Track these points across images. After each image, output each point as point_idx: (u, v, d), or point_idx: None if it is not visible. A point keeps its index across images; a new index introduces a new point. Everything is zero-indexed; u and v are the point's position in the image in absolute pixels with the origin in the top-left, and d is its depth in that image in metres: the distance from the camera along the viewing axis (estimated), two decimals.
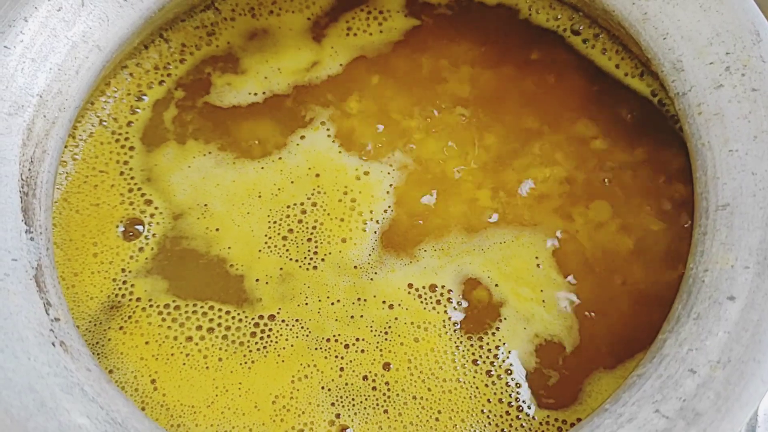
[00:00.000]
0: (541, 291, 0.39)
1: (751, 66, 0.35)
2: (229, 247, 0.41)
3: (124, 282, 0.40)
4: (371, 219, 0.41)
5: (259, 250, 0.41)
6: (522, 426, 0.37)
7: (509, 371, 0.38)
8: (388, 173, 0.42)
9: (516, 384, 0.38)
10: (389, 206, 0.42)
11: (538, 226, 0.41)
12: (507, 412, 0.37)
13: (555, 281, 0.40)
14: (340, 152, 0.43)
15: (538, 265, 0.40)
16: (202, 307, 0.39)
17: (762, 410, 0.49)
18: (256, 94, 0.45)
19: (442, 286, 0.40)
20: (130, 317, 0.39)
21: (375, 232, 0.41)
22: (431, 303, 0.39)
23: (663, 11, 0.38)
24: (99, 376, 0.32)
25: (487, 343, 0.39)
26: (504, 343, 0.38)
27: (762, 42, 0.35)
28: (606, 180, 0.42)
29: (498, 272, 0.40)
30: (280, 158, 0.43)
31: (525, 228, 0.41)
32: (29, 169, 0.35)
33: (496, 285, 0.39)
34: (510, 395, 0.37)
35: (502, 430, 0.37)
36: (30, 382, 0.31)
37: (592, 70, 0.45)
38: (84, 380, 0.31)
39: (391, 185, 0.42)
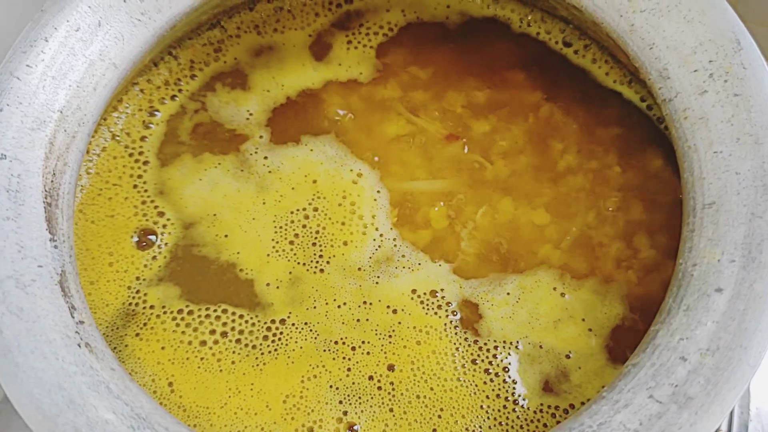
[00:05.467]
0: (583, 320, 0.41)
1: (732, 73, 0.37)
2: (238, 252, 0.43)
3: (138, 291, 0.42)
4: (372, 223, 0.43)
5: (268, 255, 0.42)
6: (518, 417, 0.38)
7: (506, 369, 0.40)
8: (382, 180, 0.45)
9: (512, 380, 0.39)
10: (388, 210, 0.44)
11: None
12: (504, 406, 0.39)
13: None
14: (337, 160, 0.45)
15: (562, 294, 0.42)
16: (215, 310, 0.41)
17: (754, 405, 0.50)
18: (251, 113, 0.47)
19: (441, 289, 0.42)
20: (145, 324, 0.41)
21: (377, 234, 0.43)
22: (432, 308, 0.41)
23: (649, 23, 0.40)
24: (122, 375, 0.34)
25: (485, 343, 0.40)
26: (502, 342, 0.40)
27: (743, 50, 0.37)
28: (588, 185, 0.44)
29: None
30: (279, 167, 0.45)
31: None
32: (52, 181, 0.37)
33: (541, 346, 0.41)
34: (507, 390, 0.39)
35: (500, 422, 0.38)
36: (59, 381, 0.32)
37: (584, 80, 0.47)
38: (109, 379, 0.33)
39: (382, 191, 0.44)
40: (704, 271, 0.34)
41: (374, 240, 0.43)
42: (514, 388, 0.39)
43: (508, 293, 0.41)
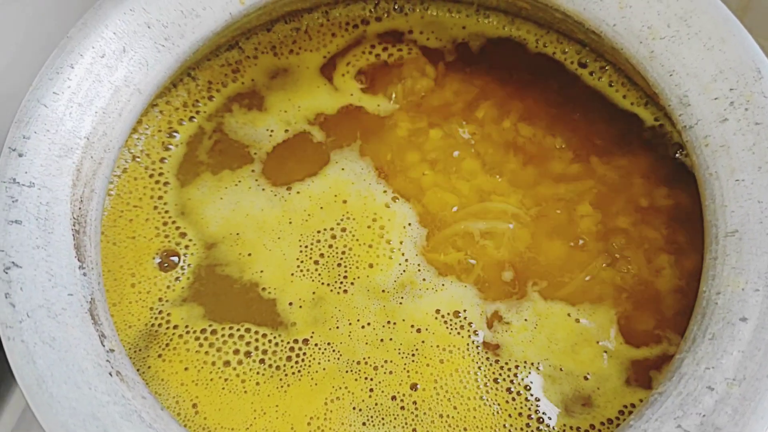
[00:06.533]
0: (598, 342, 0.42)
1: (753, 101, 0.38)
2: (261, 271, 0.43)
3: (160, 311, 0.42)
4: (399, 248, 0.44)
5: (292, 274, 0.43)
6: None
7: (528, 387, 0.40)
8: (411, 204, 0.45)
9: (535, 399, 0.40)
10: (416, 236, 0.44)
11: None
12: (527, 425, 0.39)
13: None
14: (370, 182, 0.45)
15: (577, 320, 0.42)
16: (238, 330, 0.41)
17: None
18: (272, 131, 0.47)
19: (464, 310, 0.42)
20: (167, 344, 0.41)
21: (403, 260, 0.43)
22: (456, 328, 0.42)
23: (669, 50, 0.40)
24: (153, 403, 0.34)
25: (506, 363, 0.41)
26: (523, 362, 0.41)
27: (763, 79, 0.38)
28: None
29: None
30: (309, 186, 0.45)
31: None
32: (79, 208, 0.37)
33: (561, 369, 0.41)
34: (530, 409, 0.40)
35: None
36: (93, 411, 0.33)
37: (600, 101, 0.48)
38: (140, 407, 0.33)
39: (413, 216, 0.44)
40: (728, 299, 0.34)
41: (400, 264, 0.43)
42: (537, 407, 0.40)
43: (526, 319, 0.42)
